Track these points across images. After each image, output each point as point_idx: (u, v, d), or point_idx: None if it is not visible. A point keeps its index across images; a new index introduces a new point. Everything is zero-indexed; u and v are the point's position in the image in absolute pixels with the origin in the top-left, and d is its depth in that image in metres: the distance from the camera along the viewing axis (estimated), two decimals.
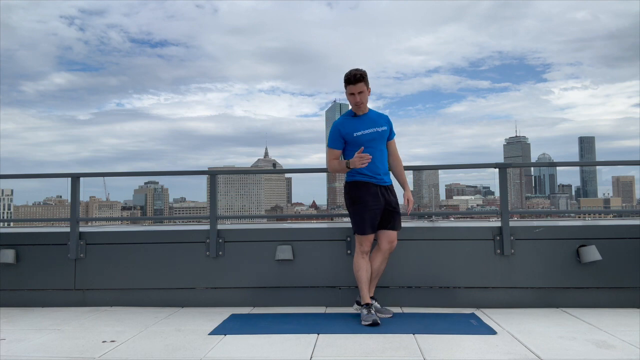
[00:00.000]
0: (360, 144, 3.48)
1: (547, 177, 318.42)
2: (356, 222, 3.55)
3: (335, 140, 3.58)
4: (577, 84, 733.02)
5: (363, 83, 3.49)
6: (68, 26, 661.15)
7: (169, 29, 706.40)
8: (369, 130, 3.54)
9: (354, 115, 3.60)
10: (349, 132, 3.53)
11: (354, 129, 3.53)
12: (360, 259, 3.56)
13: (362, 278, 3.53)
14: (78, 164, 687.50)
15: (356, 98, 3.49)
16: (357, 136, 3.51)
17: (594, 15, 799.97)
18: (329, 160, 3.61)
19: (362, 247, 3.55)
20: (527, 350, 2.81)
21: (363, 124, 3.55)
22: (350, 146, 3.54)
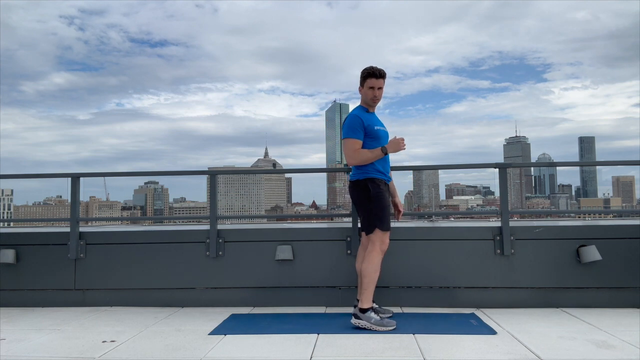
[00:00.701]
0: (379, 138, 3.48)
1: (547, 177, 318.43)
2: (380, 217, 3.39)
3: (359, 130, 3.43)
4: (577, 84, 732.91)
5: (383, 80, 3.49)
6: (68, 26, 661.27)
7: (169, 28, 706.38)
8: (383, 128, 3.56)
9: (367, 111, 3.56)
10: (371, 124, 3.47)
11: (374, 123, 3.51)
12: (379, 258, 3.40)
13: (375, 281, 3.37)
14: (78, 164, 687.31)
15: (375, 92, 3.46)
16: (378, 130, 3.49)
17: (594, 15, 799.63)
18: (356, 150, 3.41)
19: (382, 245, 3.42)
20: (527, 350, 2.81)
21: (378, 121, 3.57)
22: (369, 138, 3.45)
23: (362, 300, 3.33)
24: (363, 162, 3.43)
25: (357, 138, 3.43)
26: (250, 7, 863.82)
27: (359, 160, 3.42)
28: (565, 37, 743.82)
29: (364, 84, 3.49)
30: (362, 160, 3.42)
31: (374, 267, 3.36)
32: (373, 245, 3.40)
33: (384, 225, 3.40)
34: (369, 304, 3.33)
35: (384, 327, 3.22)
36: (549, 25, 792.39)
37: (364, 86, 3.49)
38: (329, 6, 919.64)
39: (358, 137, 3.43)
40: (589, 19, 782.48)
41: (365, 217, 3.46)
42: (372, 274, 3.36)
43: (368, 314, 3.28)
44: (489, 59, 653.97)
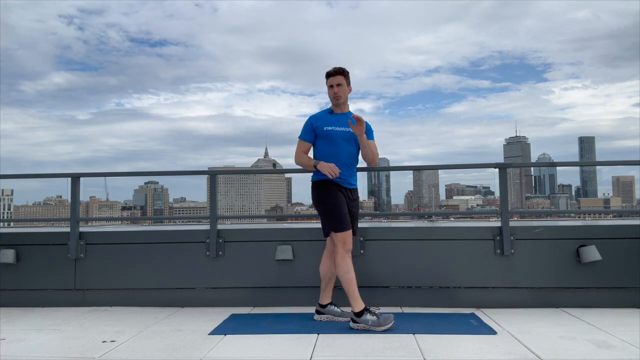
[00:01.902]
0: (329, 138, 3.48)
1: (547, 177, 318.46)
2: (334, 218, 3.38)
3: (306, 131, 3.54)
4: (577, 83, 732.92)
5: (342, 77, 3.51)
6: (67, 25, 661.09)
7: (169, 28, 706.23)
8: (340, 129, 3.50)
9: (331, 112, 3.59)
10: (319, 125, 3.50)
11: (325, 123, 3.50)
12: (347, 259, 3.36)
13: (352, 280, 3.32)
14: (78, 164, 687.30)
15: (335, 89, 3.49)
16: (327, 130, 3.48)
17: (594, 15, 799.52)
18: (298, 152, 3.55)
19: (346, 245, 3.36)
20: (527, 350, 2.81)
21: (337, 121, 3.53)
22: (320, 139, 3.51)
23: (352, 305, 3.30)
24: (301, 165, 3.57)
25: (304, 139, 3.55)
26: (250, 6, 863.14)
27: (298, 162, 3.57)
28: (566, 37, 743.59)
29: (326, 85, 3.56)
30: (298, 163, 3.57)
31: (344, 269, 3.33)
32: (336, 248, 3.39)
33: (339, 226, 3.37)
34: (360, 305, 3.28)
35: (382, 327, 3.20)
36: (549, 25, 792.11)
37: (327, 88, 3.56)
38: (329, 6, 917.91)
39: (305, 139, 3.55)
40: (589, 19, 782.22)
41: (322, 221, 3.50)
42: (344, 275, 3.33)
43: (364, 317, 3.24)
44: (489, 58, 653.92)
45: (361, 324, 3.24)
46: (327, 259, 3.59)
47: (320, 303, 3.61)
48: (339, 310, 3.56)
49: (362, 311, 3.26)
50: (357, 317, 3.26)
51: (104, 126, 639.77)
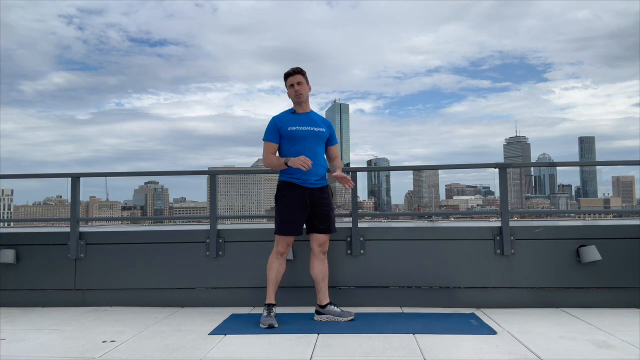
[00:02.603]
0: (294, 139, 3.49)
1: (547, 177, 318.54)
2: (276, 221, 3.54)
3: (271, 133, 3.54)
4: (577, 83, 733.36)
5: (301, 75, 3.55)
6: (67, 25, 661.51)
7: (168, 28, 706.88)
8: (304, 128, 3.52)
9: (294, 112, 3.62)
10: (283, 126, 3.51)
11: (289, 124, 3.52)
12: (274, 259, 3.57)
13: (270, 278, 3.54)
14: (77, 164, 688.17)
15: (295, 87, 3.52)
16: (291, 130, 3.49)
17: (595, 15, 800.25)
18: (265, 154, 3.56)
19: (278, 247, 3.55)
20: (527, 350, 2.81)
21: (300, 120, 3.55)
22: (285, 140, 3.52)
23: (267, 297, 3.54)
24: (271, 167, 3.56)
25: (270, 140, 3.56)
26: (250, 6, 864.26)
27: (267, 164, 3.57)
28: (566, 37, 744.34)
29: (286, 85, 3.59)
30: (268, 165, 3.56)
31: (268, 266, 3.58)
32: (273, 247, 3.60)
33: (277, 229, 3.54)
34: (270, 300, 3.52)
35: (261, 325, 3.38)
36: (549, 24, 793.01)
37: (287, 87, 3.58)
38: (329, 5, 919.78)
39: (270, 140, 3.55)
40: (589, 18, 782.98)
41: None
42: (268, 273, 3.57)
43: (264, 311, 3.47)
44: (490, 58, 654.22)
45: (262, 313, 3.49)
46: (314, 261, 3.63)
47: (319, 304, 3.62)
48: (338, 310, 3.57)
49: (270, 305, 3.49)
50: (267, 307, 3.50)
51: (103, 126, 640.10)
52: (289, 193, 3.51)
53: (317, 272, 3.61)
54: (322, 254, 3.62)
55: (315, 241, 3.60)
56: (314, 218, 3.57)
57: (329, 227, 3.60)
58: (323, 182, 3.62)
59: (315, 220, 3.57)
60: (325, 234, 3.60)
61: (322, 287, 3.62)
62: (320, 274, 3.61)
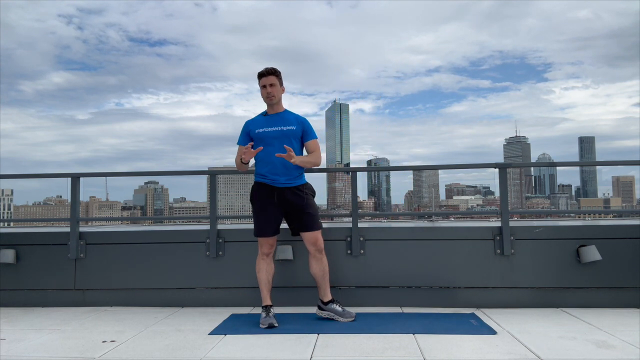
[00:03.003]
0: (261, 141, 3.50)
1: (547, 177, 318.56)
2: (253, 223, 3.61)
3: (241, 136, 3.64)
4: (577, 83, 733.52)
5: (275, 77, 3.54)
6: (66, 25, 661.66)
7: (168, 27, 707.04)
8: (272, 129, 3.54)
9: (265, 114, 3.64)
10: (251, 129, 3.58)
11: (257, 126, 3.57)
12: (260, 261, 3.62)
13: (261, 279, 3.59)
14: (77, 164, 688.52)
15: (267, 89, 3.51)
16: (258, 133, 3.54)
17: (595, 14, 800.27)
18: (236, 156, 3.63)
19: (261, 248, 3.61)
20: (527, 350, 2.81)
21: (270, 122, 3.57)
22: (256, 143, 3.52)
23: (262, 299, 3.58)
24: (238, 168, 3.61)
25: (239, 144, 3.64)
26: (250, 6, 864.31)
27: (237, 166, 3.61)
28: (567, 37, 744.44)
29: (259, 87, 3.58)
30: (237, 166, 3.60)
31: (257, 268, 3.64)
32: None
33: (254, 230, 3.60)
34: (266, 302, 3.55)
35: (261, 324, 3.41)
36: (550, 24, 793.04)
37: (260, 89, 3.59)
38: (329, 5, 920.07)
39: (240, 143, 3.63)
40: (590, 18, 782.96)
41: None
42: (256, 274, 3.64)
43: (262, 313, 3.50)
44: (490, 58, 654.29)
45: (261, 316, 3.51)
46: (311, 261, 3.63)
47: (322, 300, 3.63)
48: (340, 310, 3.57)
49: (267, 306, 3.52)
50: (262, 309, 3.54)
51: (103, 126, 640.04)
52: (259, 194, 3.57)
53: (316, 271, 3.61)
54: (318, 252, 3.60)
55: (306, 241, 3.60)
56: (294, 218, 3.58)
57: (310, 224, 3.55)
58: (295, 182, 3.55)
59: (295, 220, 3.59)
60: (310, 231, 3.56)
61: (322, 285, 3.63)
62: (319, 273, 3.61)
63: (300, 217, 3.55)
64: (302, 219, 3.55)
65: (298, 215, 3.56)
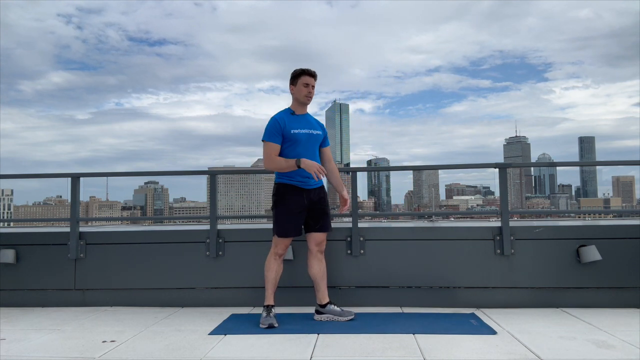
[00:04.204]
0: (297, 142, 3.46)
1: (547, 177, 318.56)
2: (277, 223, 3.51)
3: (275, 133, 3.44)
4: (578, 83, 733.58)
5: (315, 80, 3.54)
6: (66, 24, 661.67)
7: (168, 27, 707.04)
8: (305, 130, 3.51)
9: (293, 113, 3.56)
10: (286, 127, 3.46)
11: (292, 126, 3.48)
12: (272, 260, 3.56)
13: (269, 278, 3.53)
14: (77, 164, 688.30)
15: (310, 89, 3.50)
16: (295, 133, 3.45)
17: (596, 14, 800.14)
18: (270, 155, 3.43)
19: (276, 248, 3.55)
20: (527, 350, 2.81)
21: (300, 123, 3.53)
22: (286, 143, 3.46)
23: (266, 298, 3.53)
24: (276, 169, 3.46)
25: (274, 142, 3.44)
26: (250, 5, 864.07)
27: (273, 167, 3.45)
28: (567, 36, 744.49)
29: (297, 82, 3.51)
30: (276, 167, 3.45)
31: (266, 267, 3.57)
32: (271, 247, 3.58)
33: (278, 231, 3.51)
34: (269, 302, 3.51)
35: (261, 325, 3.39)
36: (550, 24, 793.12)
37: (296, 84, 3.51)
38: (329, 5, 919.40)
39: (274, 141, 3.44)
40: (590, 18, 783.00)
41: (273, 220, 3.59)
42: (265, 273, 3.56)
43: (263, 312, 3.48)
44: (490, 58, 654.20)
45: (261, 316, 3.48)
46: (312, 261, 3.63)
47: (319, 303, 3.62)
48: (338, 310, 3.57)
49: (270, 306, 3.50)
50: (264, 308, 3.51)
51: (103, 126, 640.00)
52: (289, 195, 3.49)
53: (316, 272, 3.62)
54: (320, 253, 3.64)
55: (312, 240, 3.61)
56: (310, 218, 3.58)
57: (325, 225, 3.62)
58: (320, 183, 3.63)
59: (311, 219, 3.58)
60: (322, 232, 3.61)
61: (321, 287, 3.63)
62: (319, 274, 3.62)
63: (320, 217, 3.59)
64: (321, 219, 3.59)
65: (318, 215, 3.58)
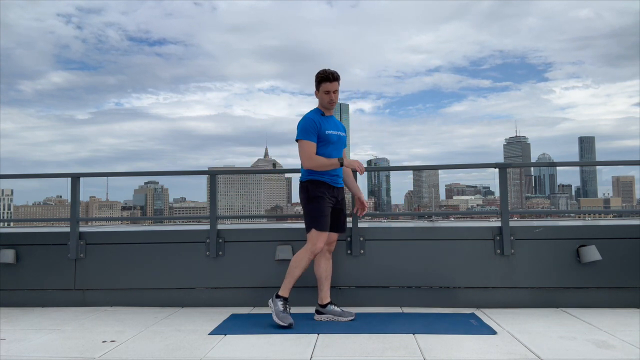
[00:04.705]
0: (330, 142, 3.51)
1: (547, 177, 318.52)
2: (315, 217, 3.46)
3: (312, 132, 3.45)
4: (578, 83, 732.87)
5: (338, 83, 3.52)
6: (65, 24, 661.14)
7: (167, 27, 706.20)
8: (335, 132, 3.56)
9: (323, 114, 3.59)
10: (321, 128, 3.49)
11: (326, 127, 3.52)
12: (307, 258, 3.45)
13: (296, 276, 3.46)
14: (77, 164, 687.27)
15: (331, 96, 3.49)
16: (329, 134, 3.50)
17: (596, 13, 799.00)
18: (310, 154, 3.43)
19: (315, 246, 3.43)
20: (527, 350, 2.81)
21: (330, 124, 3.57)
22: (319, 142, 3.48)
23: (281, 289, 3.47)
24: (318, 167, 3.45)
25: (313, 140, 3.46)
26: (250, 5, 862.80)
27: (314, 165, 3.44)
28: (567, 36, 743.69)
29: (320, 88, 3.52)
30: (317, 165, 3.44)
31: (298, 264, 3.45)
32: (306, 245, 3.49)
33: (318, 225, 3.45)
34: (284, 294, 3.45)
35: (279, 321, 3.32)
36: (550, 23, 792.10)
37: (319, 90, 3.53)
38: (329, 4, 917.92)
39: (312, 140, 3.46)
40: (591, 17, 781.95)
41: (305, 219, 3.55)
42: (294, 269, 3.46)
43: (277, 301, 3.42)
44: (490, 58, 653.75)
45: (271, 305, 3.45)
46: (320, 259, 3.63)
47: (320, 303, 3.62)
48: (339, 310, 3.57)
49: (282, 297, 3.44)
50: (276, 297, 3.46)
51: (103, 126, 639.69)
52: (323, 192, 3.50)
53: (322, 271, 3.63)
54: (329, 252, 3.67)
55: (328, 239, 3.59)
56: (333, 217, 3.59)
57: (342, 225, 3.68)
58: (342, 184, 3.70)
59: (333, 218, 3.58)
60: (337, 232, 3.66)
61: (324, 286, 3.63)
62: (325, 273, 3.63)
63: (339, 216, 3.63)
64: (340, 219, 3.65)
65: (337, 215, 3.61)
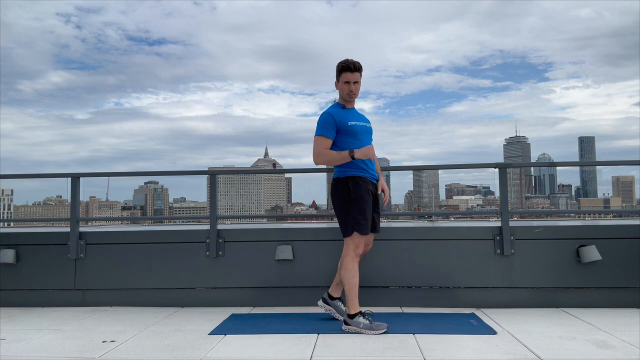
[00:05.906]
0: (354, 133, 3.35)
1: (547, 177, 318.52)
2: (358, 220, 3.26)
3: (328, 128, 3.31)
4: (578, 83, 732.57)
5: (359, 74, 3.37)
6: (65, 24, 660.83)
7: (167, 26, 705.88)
8: (360, 123, 3.42)
9: (344, 107, 3.45)
10: (342, 120, 3.33)
11: (348, 118, 3.37)
12: (356, 264, 3.31)
13: (354, 284, 3.27)
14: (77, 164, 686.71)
15: (351, 87, 3.36)
16: (352, 125, 3.35)
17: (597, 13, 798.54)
18: (321, 149, 3.30)
19: (358, 249, 3.32)
20: (527, 350, 2.81)
21: (353, 116, 3.43)
22: (344, 135, 3.34)
23: (348, 307, 3.28)
24: (328, 163, 3.36)
25: (327, 136, 3.32)
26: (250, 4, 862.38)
27: (323, 160, 3.33)
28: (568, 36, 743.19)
29: (340, 79, 3.38)
30: (326, 161, 3.34)
31: (351, 273, 3.28)
32: (347, 250, 3.33)
33: (361, 228, 3.28)
34: (356, 309, 3.26)
35: (373, 331, 3.16)
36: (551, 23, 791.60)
37: (339, 81, 3.39)
38: (329, 4, 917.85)
39: (328, 136, 3.32)
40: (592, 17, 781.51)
41: (343, 220, 3.34)
42: (350, 279, 3.27)
43: (356, 320, 3.22)
44: (491, 57, 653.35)
45: (353, 326, 3.22)
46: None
47: (329, 293, 3.58)
48: (343, 309, 3.53)
49: (355, 314, 3.24)
50: (350, 318, 3.25)
51: (102, 126, 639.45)
52: (365, 188, 3.32)
53: None
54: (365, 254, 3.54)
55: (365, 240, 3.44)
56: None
57: (378, 225, 3.54)
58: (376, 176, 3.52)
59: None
60: (376, 232, 3.52)
61: (340, 287, 3.54)
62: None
63: (378, 214, 3.50)
64: (374, 218, 3.45)
65: (377, 213, 3.48)
